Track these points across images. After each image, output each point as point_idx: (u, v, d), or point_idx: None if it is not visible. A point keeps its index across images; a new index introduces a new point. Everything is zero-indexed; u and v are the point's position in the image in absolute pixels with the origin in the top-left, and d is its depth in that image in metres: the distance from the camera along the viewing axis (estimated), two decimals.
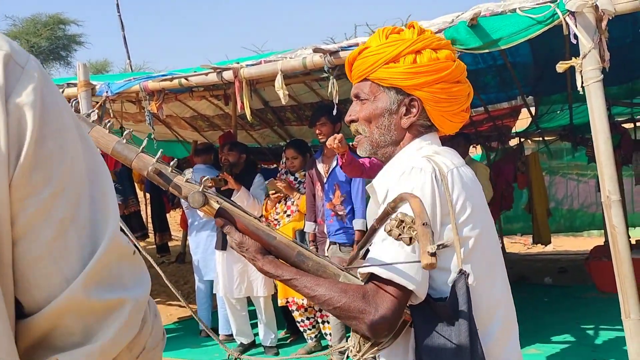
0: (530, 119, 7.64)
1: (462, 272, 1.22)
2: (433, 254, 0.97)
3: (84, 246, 0.59)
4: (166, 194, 7.07)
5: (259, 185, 4.88)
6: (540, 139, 8.32)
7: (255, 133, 7.88)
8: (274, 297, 4.87)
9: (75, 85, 4.19)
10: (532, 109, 7.21)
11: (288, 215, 4.65)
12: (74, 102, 1.36)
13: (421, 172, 1.24)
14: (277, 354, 4.79)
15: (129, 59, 9.40)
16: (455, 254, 1.24)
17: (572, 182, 9.70)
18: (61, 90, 4.38)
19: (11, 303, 0.57)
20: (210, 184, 4.71)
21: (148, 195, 7.87)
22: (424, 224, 1.00)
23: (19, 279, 0.57)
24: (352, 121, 1.43)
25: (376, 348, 1.26)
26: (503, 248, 9.54)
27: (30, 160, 0.56)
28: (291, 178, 4.74)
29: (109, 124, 1.33)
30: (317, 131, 4.11)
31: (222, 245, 4.75)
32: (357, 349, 1.27)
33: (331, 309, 1.24)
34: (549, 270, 7.79)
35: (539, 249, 9.45)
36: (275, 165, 8.03)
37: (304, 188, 4.59)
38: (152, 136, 7.86)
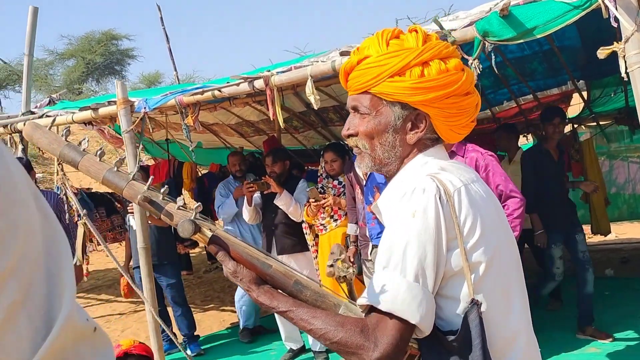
0: (582, 104, 7.31)
1: (474, 302, 1.13)
2: (330, 265, 1.03)
3: (38, 330, 0.55)
4: (214, 202, 7.18)
5: (302, 190, 4.87)
6: (595, 123, 7.94)
7: (299, 135, 7.89)
8: None
9: (115, 103, 4.30)
10: (584, 94, 6.89)
11: (335, 220, 4.57)
12: (65, 130, 1.37)
13: (424, 193, 1.14)
14: (326, 359, 4.77)
15: (175, 70, 9.58)
16: (465, 282, 1.14)
17: (634, 166, 9.20)
18: (101, 108, 4.52)
19: None
20: (254, 188, 4.74)
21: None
22: (332, 253, 1.05)
23: None
24: (351, 135, 1.31)
25: None
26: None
27: None
28: (335, 182, 4.66)
29: (99, 152, 1.32)
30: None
31: (267, 247, 4.83)
32: None
33: (329, 344, 1.16)
34: (610, 261, 7.44)
35: (600, 238, 9.02)
36: None
37: None
38: (202, 144, 8.10)
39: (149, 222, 4.31)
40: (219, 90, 4.02)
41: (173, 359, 5.20)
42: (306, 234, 4.80)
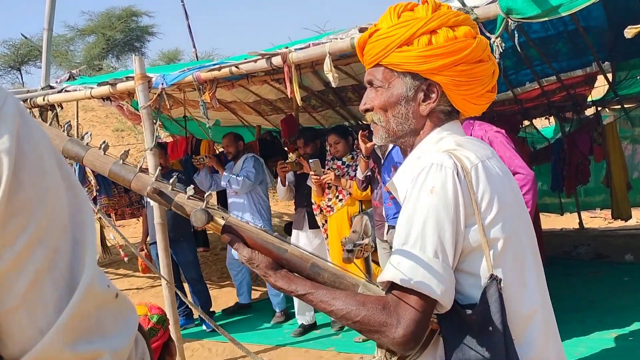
0: (607, 87, 7.15)
1: (493, 277, 1.12)
2: (350, 251, 0.99)
3: (62, 296, 0.57)
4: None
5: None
6: (619, 106, 7.77)
7: (317, 115, 7.86)
8: None
9: (132, 78, 4.30)
10: (609, 76, 6.73)
11: (340, 200, 4.61)
12: (66, 125, 1.37)
13: (441, 170, 1.14)
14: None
15: (194, 47, 9.54)
16: (483, 258, 1.14)
17: None
18: (119, 83, 4.52)
19: None
20: (287, 168, 4.81)
21: None
22: (353, 232, 1.01)
23: None
24: (367, 110, 1.32)
25: None
26: (581, 224, 9.07)
27: (5, 209, 0.54)
28: (339, 163, 4.70)
29: (103, 145, 1.31)
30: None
31: (299, 223, 5.08)
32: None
33: (351, 324, 1.16)
34: (630, 247, 7.31)
35: (621, 223, 8.89)
36: None
37: (353, 172, 4.54)
38: (220, 122, 8.10)
39: None
40: (237, 67, 4.00)
41: (189, 333, 5.26)
42: (316, 215, 4.85)
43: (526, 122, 8.27)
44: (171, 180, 1.28)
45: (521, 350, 1.14)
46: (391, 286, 1.14)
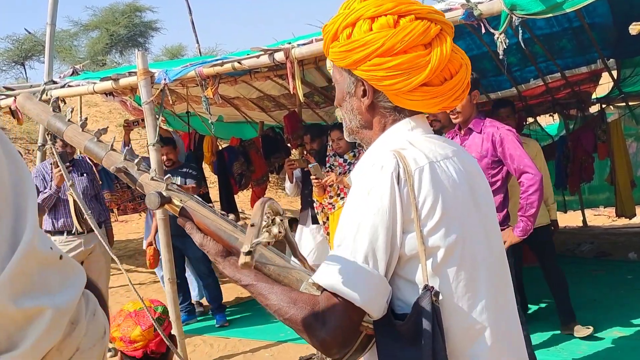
0: (612, 84, 7.11)
1: (427, 288, 1.07)
2: (248, 253, 0.99)
3: (5, 256, 0.62)
4: (233, 176, 7.18)
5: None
6: (624, 104, 7.73)
7: (320, 111, 7.84)
8: None
9: (135, 74, 4.29)
10: (614, 73, 6.69)
11: (342, 198, 4.59)
12: (53, 101, 1.47)
13: (381, 171, 1.09)
14: None
15: (198, 42, 9.50)
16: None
17: None
18: (122, 79, 4.51)
19: None
20: (295, 165, 4.86)
21: (216, 177, 8.04)
22: (251, 225, 1.03)
23: None
24: (338, 108, 1.32)
25: None
26: (584, 221, 9.04)
27: None
28: (340, 160, 4.68)
29: (81, 122, 1.37)
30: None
31: (304, 218, 5.11)
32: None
33: (282, 320, 1.13)
34: (634, 245, 7.29)
35: (625, 221, 8.87)
36: None
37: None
38: (223, 118, 8.09)
39: None
40: (239, 62, 3.99)
41: (191, 329, 5.27)
42: (317, 213, 4.84)
43: (530, 119, 8.24)
44: (136, 161, 1.32)
45: None
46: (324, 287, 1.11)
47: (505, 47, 3.05)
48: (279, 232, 1.08)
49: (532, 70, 6.52)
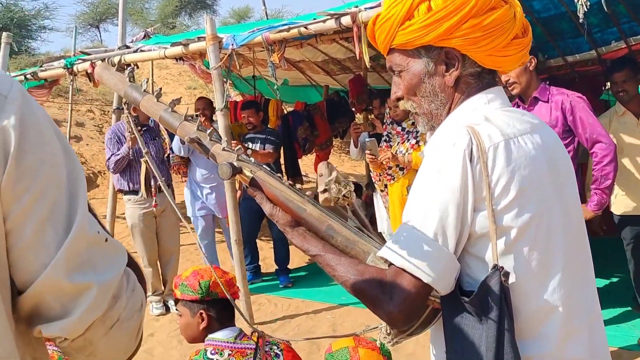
0: None
1: (496, 268, 1.05)
2: (324, 191, 1.08)
3: (60, 238, 0.73)
4: (297, 141, 7.22)
5: None
6: None
7: (387, 75, 7.72)
8: None
9: (204, 39, 4.35)
10: None
11: (401, 169, 4.46)
12: (129, 70, 1.52)
13: (453, 148, 1.07)
14: None
15: (264, 5, 9.52)
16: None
17: None
18: (191, 44, 4.59)
19: (7, 284, 0.73)
20: (360, 129, 4.89)
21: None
22: (320, 175, 1.13)
23: (12, 264, 0.73)
24: (399, 98, 1.26)
25: (405, 334, 1.18)
26: None
27: (12, 172, 0.70)
28: (398, 128, 4.53)
29: (155, 93, 1.41)
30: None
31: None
32: (387, 332, 1.21)
33: (350, 291, 1.16)
34: None
35: None
36: None
37: (414, 138, 4.38)
38: (288, 82, 8.12)
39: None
40: (305, 27, 3.96)
41: (256, 287, 5.43)
42: (375, 182, 4.78)
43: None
44: (209, 132, 1.35)
45: (534, 345, 1.09)
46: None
47: (586, 9, 2.88)
48: (347, 189, 1.16)
49: (614, 32, 6.12)
